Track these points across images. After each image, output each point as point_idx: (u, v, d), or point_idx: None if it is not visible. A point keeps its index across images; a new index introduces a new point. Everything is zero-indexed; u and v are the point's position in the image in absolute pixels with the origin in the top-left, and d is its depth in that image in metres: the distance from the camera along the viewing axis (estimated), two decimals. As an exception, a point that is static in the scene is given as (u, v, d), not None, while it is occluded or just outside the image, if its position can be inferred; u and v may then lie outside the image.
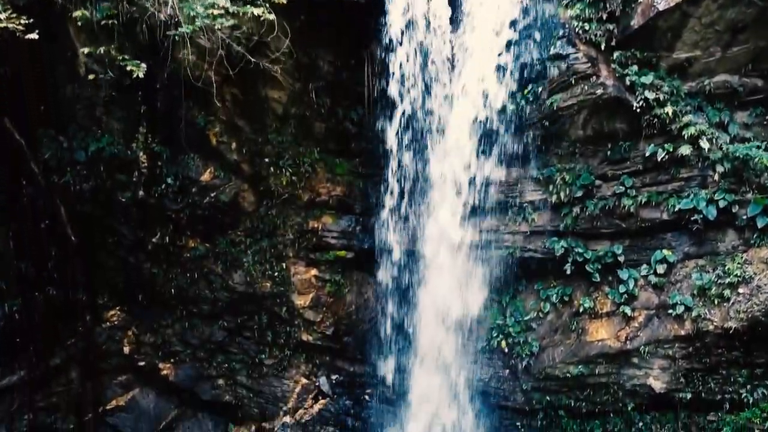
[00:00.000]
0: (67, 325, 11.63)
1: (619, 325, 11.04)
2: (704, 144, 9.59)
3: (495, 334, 12.14)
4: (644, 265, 10.94)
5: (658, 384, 10.97)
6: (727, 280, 9.85)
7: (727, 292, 9.84)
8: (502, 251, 11.72)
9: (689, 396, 10.87)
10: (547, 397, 12.00)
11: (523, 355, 11.84)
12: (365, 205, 11.87)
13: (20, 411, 11.51)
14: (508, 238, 11.68)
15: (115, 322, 11.86)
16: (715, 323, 9.96)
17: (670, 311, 10.39)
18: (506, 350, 12.11)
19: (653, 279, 10.74)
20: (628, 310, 10.83)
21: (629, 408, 11.50)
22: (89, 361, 11.65)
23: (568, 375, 11.49)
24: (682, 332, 10.32)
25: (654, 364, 10.84)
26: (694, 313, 10.11)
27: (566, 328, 11.67)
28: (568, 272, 11.25)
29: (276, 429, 12.10)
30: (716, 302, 9.95)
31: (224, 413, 12.53)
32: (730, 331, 9.80)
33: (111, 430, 12.14)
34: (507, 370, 12.23)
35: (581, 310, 11.40)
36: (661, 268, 10.64)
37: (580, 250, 11.16)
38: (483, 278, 12.04)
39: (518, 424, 12.40)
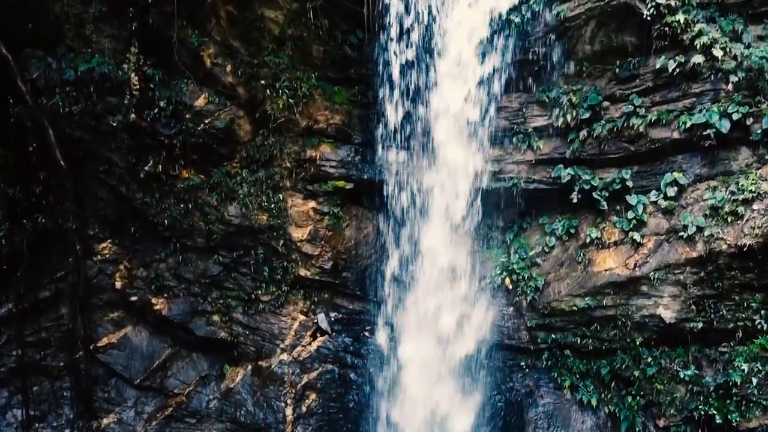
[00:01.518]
0: (56, 256, 11.28)
1: (627, 253, 10.66)
2: (717, 52, 9.21)
3: (498, 272, 11.78)
4: (653, 191, 10.56)
5: (668, 313, 10.59)
6: (741, 197, 9.48)
7: (741, 209, 9.46)
8: (506, 182, 11.34)
9: (700, 325, 10.49)
10: (553, 335, 11.64)
11: (528, 291, 11.47)
12: (365, 135, 11.48)
13: (8, 345, 11.16)
14: (512, 168, 11.31)
15: (107, 256, 11.49)
16: (728, 242, 9.58)
17: (682, 233, 10.00)
18: (510, 287, 11.74)
19: (663, 203, 10.36)
20: (637, 236, 10.45)
21: (637, 343, 11.12)
22: (80, 295, 11.28)
23: (574, 308, 11.12)
24: (694, 254, 9.94)
25: (664, 291, 10.46)
26: (706, 233, 9.73)
27: (572, 261, 11.30)
28: (575, 201, 10.86)
29: (273, 367, 11.71)
30: (729, 220, 9.57)
31: (219, 354, 12.16)
32: (744, 249, 9.42)
33: (103, 367, 11.80)
34: (511, 308, 11.88)
35: (588, 240, 11.03)
36: (671, 191, 10.25)
37: (587, 177, 10.79)
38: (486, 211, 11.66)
39: (522, 364, 12.05)
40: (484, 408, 11.84)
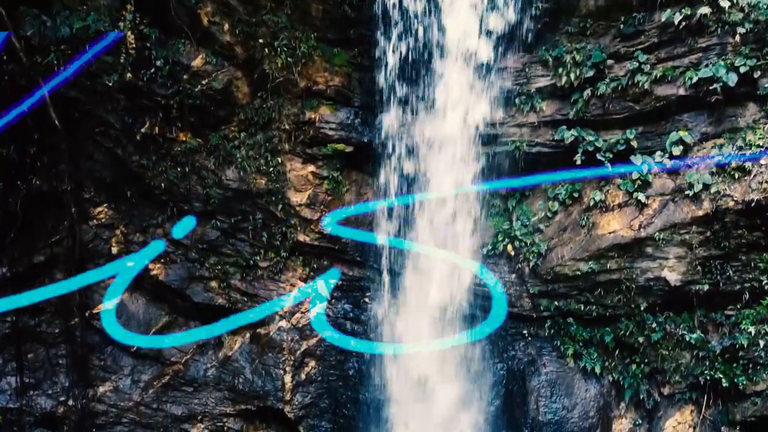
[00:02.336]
0: (51, 220, 11.10)
1: (632, 214, 10.49)
2: (724, 3, 9.07)
3: (500, 239, 11.59)
4: (658, 152, 10.39)
5: (673, 276, 10.42)
6: (749, 152, 9.30)
7: (748, 165, 9.30)
8: (508, 146, 11.17)
9: (706, 288, 10.33)
10: (556, 303, 11.47)
11: (530, 258, 11.29)
12: (365, 98, 11.29)
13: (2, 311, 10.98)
14: (514, 131, 11.13)
15: (103, 220, 11.31)
16: (735, 198, 9.41)
17: (687, 192, 9.84)
18: (512, 254, 11.56)
19: (668, 163, 10.19)
20: (641, 197, 10.28)
21: (642, 308, 10.96)
22: (75, 260, 11.09)
23: (578, 273, 10.95)
24: (700, 213, 9.77)
25: (669, 253, 10.29)
26: (713, 190, 9.56)
27: (576, 225, 11.13)
28: (578, 162, 10.68)
29: (272, 334, 11.53)
30: (736, 176, 9.41)
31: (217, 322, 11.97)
32: (752, 205, 9.25)
33: (98, 334, 11.59)
34: (513, 275, 11.69)
35: (591, 204, 10.86)
36: (677, 150, 10.08)
37: (591, 138, 10.61)
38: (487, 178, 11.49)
39: (525, 332, 11.88)
40: (485, 375, 11.65)
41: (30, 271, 11.12)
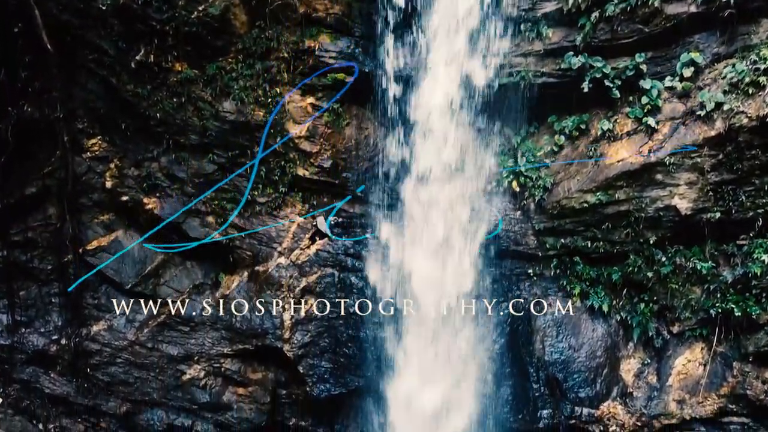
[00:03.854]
0: (44, 151, 10.81)
1: (641, 141, 10.18)
2: None
3: (505, 175, 11.30)
4: (668, 77, 10.09)
5: (684, 204, 10.11)
6: (763, 67, 9.00)
7: (762, 80, 8.99)
8: (513, 77, 10.85)
9: (718, 215, 10.01)
10: (562, 240, 11.18)
11: (536, 193, 11.02)
12: (365, 28, 10.96)
13: (-7, 245, 10.69)
14: (519, 61, 10.81)
15: (97, 153, 11.01)
16: (749, 115, 9.09)
17: (699, 113, 9.53)
18: (517, 190, 11.28)
19: (678, 86, 9.89)
20: (651, 122, 9.97)
21: (651, 242, 10.65)
22: (68, 192, 10.79)
23: (585, 205, 10.64)
24: (713, 133, 9.46)
25: (680, 179, 9.98)
26: (725, 108, 9.26)
27: (583, 158, 10.82)
28: (585, 90, 10.35)
29: (270, 270, 11.21)
30: (750, 92, 9.10)
31: (214, 262, 11.68)
32: (766, 120, 8.93)
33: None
34: (518, 212, 11.41)
35: (599, 134, 10.58)
36: (687, 72, 9.78)
37: (599, 65, 10.28)
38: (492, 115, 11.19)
39: (530, 271, 11.58)
40: (490, 313, 11.34)
41: (22, 203, 10.82)
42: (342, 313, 11.24)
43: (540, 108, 11.23)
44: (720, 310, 10.25)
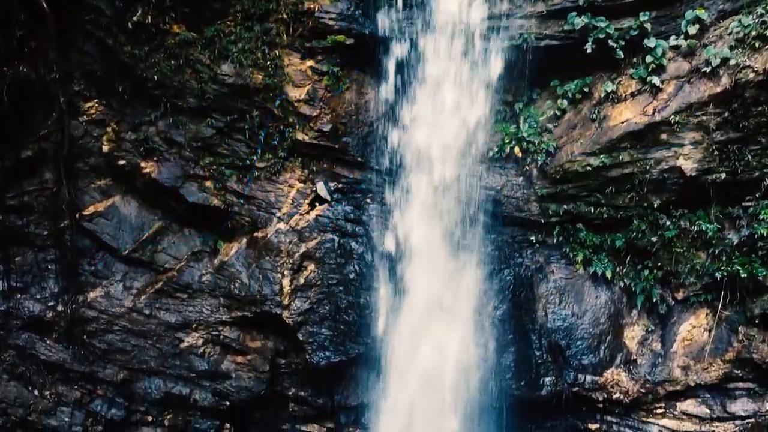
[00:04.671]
0: (40, 114, 10.67)
1: (645, 101, 10.04)
2: None
3: (507, 141, 11.15)
4: (673, 36, 9.95)
5: (689, 164, 9.98)
6: (770, 19, 8.87)
7: (769, 32, 8.86)
8: (515, 40, 10.70)
9: (723, 176, 9.88)
10: (564, 206, 11.03)
11: (538, 158, 10.88)
12: (366, -10, 10.84)
13: (-12, 207, 10.54)
14: (521, 23, 10.65)
15: (93, 116, 10.85)
16: (755, 69, 8.96)
17: (705, 69, 9.39)
18: (520, 155, 11.13)
19: (683, 45, 9.75)
20: (656, 81, 9.83)
21: (655, 206, 10.52)
22: (64, 155, 10.65)
23: (588, 168, 10.50)
24: (718, 89, 9.32)
25: (685, 138, 9.84)
26: (731, 63, 9.11)
27: (586, 121, 10.69)
28: (588, 51, 10.21)
29: (269, 236, 11.06)
30: (757, 46, 8.97)
31: (213, 229, 11.51)
32: (774, 75, 8.82)
33: (89, 238, 11.16)
34: (521, 178, 11.25)
35: (603, 96, 10.45)
36: (693, 30, 9.64)
37: (602, 25, 10.13)
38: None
39: (532, 239, 11.44)
40: (492, 280, 11.20)
41: (18, 166, 10.67)
42: (342, 279, 11.09)
43: (542, 74, 11.08)
44: (725, 274, 10.12)
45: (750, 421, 10.14)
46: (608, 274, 11.07)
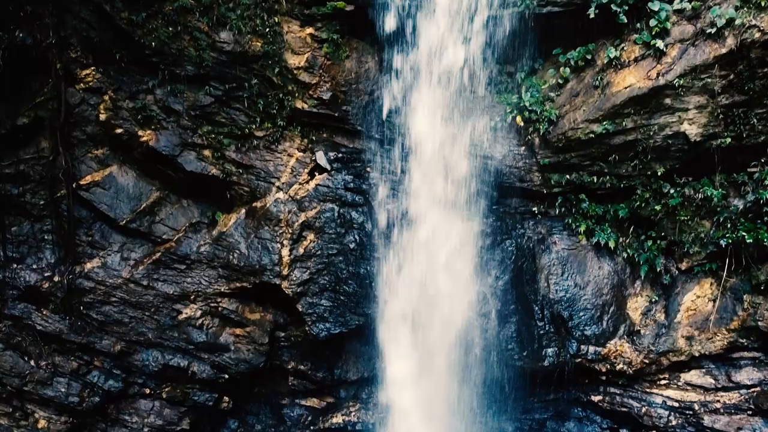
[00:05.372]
0: (36, 82, 10.54)
1: (649, 65, 9.89)
2: None
3: (509, 110, 11.02)
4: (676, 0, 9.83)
5: (693, 129, 9.85)
6: (778, -24, 8.73)
7: (775, -9, 8.72)
8: (518, 6, 10.55)
9: (728, 141, 9.76)
10: (567, 176, 10.92)
11: (541, 126, 10.73)
12: (366, -45, 10.70)
13: (-16, 175, 10.41)
14: (524, -10, 10.53)
15: (91, 84, 10.70)
16: (761, 28, 8.82)
17: (710, 31, 9.24)
18: (522, 125, 11.00)
19: (688, 7, 9.59)
20: (660, 44, 9.67)
21: (658, 174, 10.39)
22: (61, 123, 10.51)
23: (591, 136, 10.36)
24: (724, 50, 9.18)
25: (689, 102, 9.70)
26: (737, 23, 8.97)
27: (588, 88, 10.54)
28: (592, 16, 10.07)
29: (268, 205, 10.94)
30: (763, 4, 8.80)
31: (211, 200, 11.40)
32: (780, 34, 8.68)
33: (86, 209, 11.01)
34: (523, 147, 11.13)
35: (606, 62, 10.27)
36: (697, -10, 9.52)
37: (605, -11, 10.02)
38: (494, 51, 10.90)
39: (534, 209, 11.33)
40: (493, 250, 11.07)
41: (14, 134, 10.53)
42: (342, 249, 10.96)
43: (544, 43, 10.96)
44: (730, 241, 10.00)
45: (755, 389, 10.02)
46: (611, 245, 10.96)
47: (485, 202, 11.17)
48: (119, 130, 10.78)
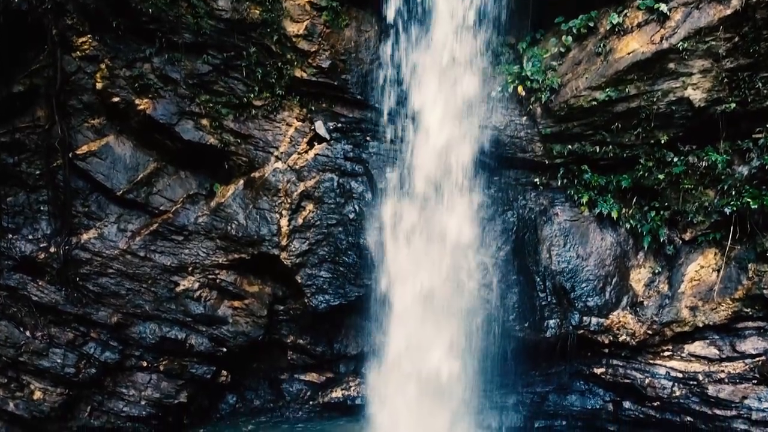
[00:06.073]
0: (32, 50, 10.40)
1: (653, 30, 9.75)
2: None
3: (510, 80, 10.90)
4: (681, -37, 9.70)
5: (697, 94, 9.72)
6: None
7: (782, -51, 8.59)
8: (519, -28, 10.46)
9: (733, 106, 9.63)
10: (569, 146, 10.80)
11: (542, 96, 10.60)
12: None
13: (-21, 143, 10.28)
14: (525, -44, 10.42)
15: (87, 52, 10.56)
16: (768, -14, 8.70)
17: (714, -8, 9.13)
18: (523, 94, 10.88)
19: (692, -30, 9.48)
20: (663, 7, 9.53)
21: (662, 143, 10.26)
22: (56, 91, 10.37)
23: (594, 103, 10.23)
24: (728, 11, 9.04)
25: (693, 66, 9.57)
26: (742, -18, 8.86)
27: (591, 56, 10.41)
28: (594, -19, 9.98)
29: (267, 175, 10.81)
30: (769, -37, 8.70)
31: (209, 172, 11.28)
32: (786, -6, 8.55)
33: (82, 179, 10.86)
34: (524, 117, 11.01)
35: (608, 29, 10.16)
36: (702, -47, 9.38)
37: (609, -47, 9.90)
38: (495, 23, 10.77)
39: (536, 181, 11.21)
40: (495, 221, 10.94)
41: (9, 102, 10.40)
42: (341, 220, 10.83)
43: (546, 13, 10.84)
44: (735, 209, 9.87)
45: (761, 358, 9.88)
46: (614, 215, 10.84)
47: (486, 173, 11.05)
48: (116, 99, 10.65)
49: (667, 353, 10.59)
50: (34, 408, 10.29)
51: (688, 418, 10.28)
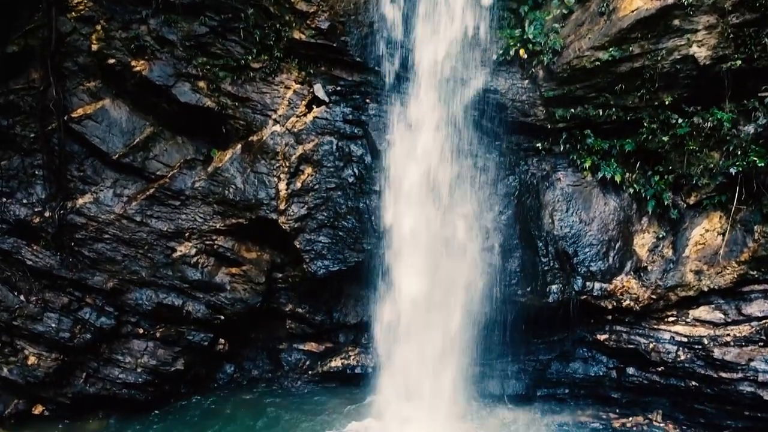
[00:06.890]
0: (26, 7, 10.24)
1: (657, -12, 9.60)
2: None
3: (512, 44, 10.72)
4: None
5: (702, 52, 9.55)
6: None
7: None
8: (522, -67, 10.30)
9: (739, 63, 9.47)
10: (572, 110, 10.64)
11: (545, 58, 10.43)
12: None
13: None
14: None
15: (82, 13, 10.41)
16: (774, -63, 8.53)
17: (720, -56, 8.97)
18: (525, 57, 10.70)
19: (697, -76, 9.32)
20: (668, -37, 9.39)
21: (666, 104, 10.09)
22: (51, 52, 10.22)
23: (597, 63, 10.06)
24: (735, -37, 8.90)
25: (699, 23, 9.40)
26: (749, -67, 8.69)
27: (594, 16, 10.24)
28: (598, -60, 9.81)
29: (265, 138, 10.64)
30: None
31: (206, 138, 11.12)
32: (794, -59, 8.39)
33: (78, 143, 10.72)
34: (526, 80, 10.83)
35: (612, -11, 10.00)
36: None
37: None
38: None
39: (539, 146, 11.04)
40: (496, 185, 10.78)
41: (3, 63, 10.24)
42: (341, 184, 10.67)
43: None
44: (741, 169, 9.71)
45: (767, 321, 9.70)
46: (617, 179, 10.67)
47: (488, 137, 10.90)
48: (112, 60, 10.49)
49: (671, 318, 10.42)
50: (29, 373, 10.14)
51: (693, 383, 10.11)
